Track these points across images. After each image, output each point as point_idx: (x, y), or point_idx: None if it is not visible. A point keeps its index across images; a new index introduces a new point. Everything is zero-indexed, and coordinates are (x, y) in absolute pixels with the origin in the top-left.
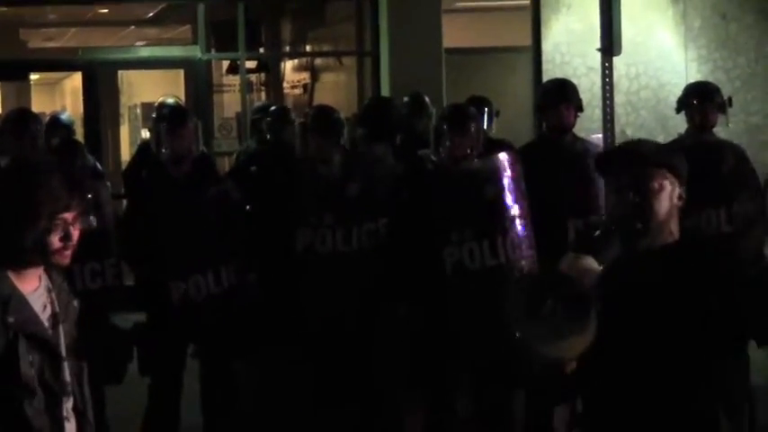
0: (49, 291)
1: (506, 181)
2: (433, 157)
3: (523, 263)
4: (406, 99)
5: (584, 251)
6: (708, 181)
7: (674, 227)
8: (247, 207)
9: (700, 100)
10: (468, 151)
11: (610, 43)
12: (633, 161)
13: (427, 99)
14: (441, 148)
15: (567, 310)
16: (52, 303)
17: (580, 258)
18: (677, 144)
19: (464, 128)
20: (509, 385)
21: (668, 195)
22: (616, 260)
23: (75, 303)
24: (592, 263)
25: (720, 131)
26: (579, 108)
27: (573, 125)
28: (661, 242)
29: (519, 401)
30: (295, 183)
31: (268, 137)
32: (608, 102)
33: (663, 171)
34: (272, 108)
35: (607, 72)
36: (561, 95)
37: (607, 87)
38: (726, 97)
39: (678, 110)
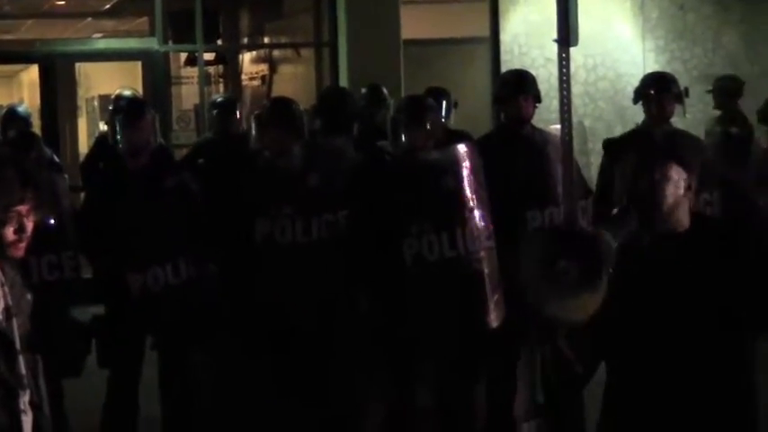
0: (2, 284)
1: (465, 172)
2: (390, 149)
3: (482, 254)
4: (363, 90)
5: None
6: None
7: (683, 215)
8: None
9: (657, 90)
10: (426, 142)
11: (566, 34)
12: (644, 149)
13: (385, 90)
14: (398, 139)
15: (580, 268)
16: (5, 297)
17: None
18: (635, 135)
19: (420, 119)
20: (470, 376)
21: (674, 185)
22: (630, 239)
23: (29, 297)
24: (606, 235)
25: (678, 122)
26: (538, 99)
27: (531, 116)
28: (669, 228)
29: (480, 392)
30: (250, 174)
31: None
32: (565, 93)
33: (670, 162)
34: (218, 100)
35: (564, 63)
36: (519, 87)
37: (564, 78)
38: (683, 88)
39: (635, 100)
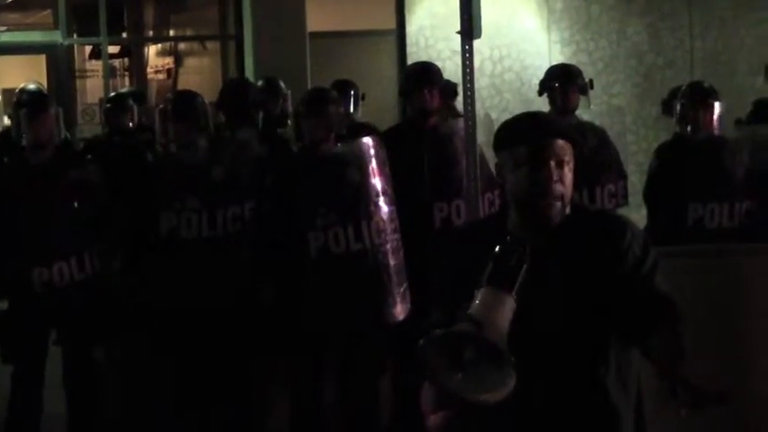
0: None
1: (370, 165)
2: (289, 140)
3: (388, 246)
4: (260, 83)
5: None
6: None
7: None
8: None
9: (561, 82)
10: (327, 135)
11: (469, 27)
12: (538, 134)
13: (281, 82)
14: (300, 131)
15: (487, 357)
16: None
17: (497, 296)
18: None
19: (321, 110)
20: (375, 369)
21: (571, 168)
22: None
23: None
24: (509, 300)
25: (583, 113)
26: (443, 91)
27: (438, 108)
28: (562, 217)
29: (385, 385)
30: (149, 168)
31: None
32: (468, 85)
33: (566, 143)
34: (110, 95)
35: (467, 55)
36: (424, 79)
37: (467, 71)
38: (587, 79)
39: (540, 92)
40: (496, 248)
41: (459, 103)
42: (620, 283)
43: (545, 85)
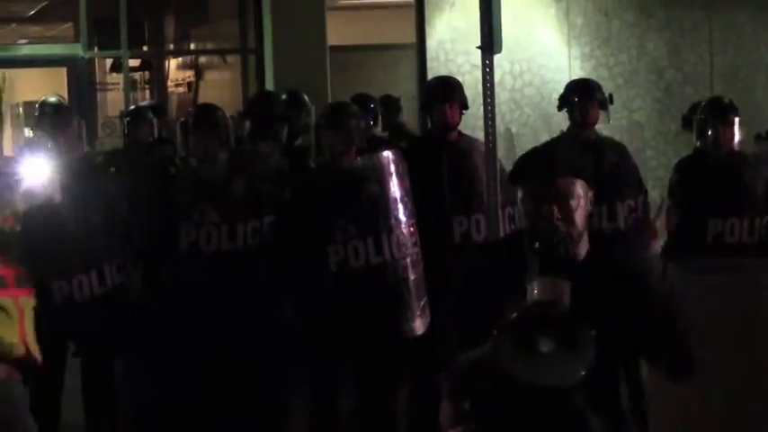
0: None
1: (390, 179)
2: (308, 152)
3: (408, 260)
4: (283, 96)
5: None
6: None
7: (586, 236)
8: None
9: (581, 97)
10: (348, 148)
11: (490, 41)
12: (550, 171)
13: (304, 95)
14: (321, 145)
15: (564, 339)
16: None
17: (555, 283)
18: (559, 141)
19: (341, 124)
20: (393, 383)
21: (585, 207)
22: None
23: None
24: (567, 285)
25: (602, 129)
26: (464, 106)
27: (458, 123)
28: (579, 253)
29: (402, 399)
30: (169, 181)
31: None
32: (489, 99)
33: (578, 181)
34: (130, 108)
35: (488, 70)
36: (445, 93)
37: (488, 85)
38: (607, 94)
39: (560, 107)
40: (536, 245)
41: (477, 117)
42: (645, 320)
43: (565, 100)
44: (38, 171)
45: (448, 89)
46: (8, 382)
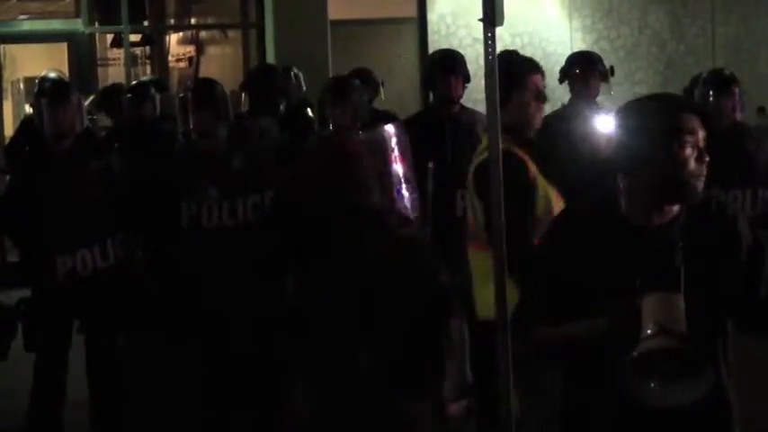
0: None
1: (393, 152)
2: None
3: None
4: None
5: None
6: None
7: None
8: None
9: (582, 69)
10: (352, 123)
11: (492, 13)
12: (682, 107)
13: (296, 70)
14: (324, 120)
15: (686, 366)
16: None
17: (670, 299)
18: (561, 114)
19: (345, 99)
20: None
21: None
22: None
23: None
24: (681, 300)
25: (605, 101)
26: (467, 79)
27: (461, 96)
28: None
29: None
30: (173, 157)
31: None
32: (491, 72)
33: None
34: (132, 84)
35: (490, 43)
36: (449, 66)
37: (490, 58)
38: (609, 66)
39: (561, 80)
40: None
41: (479, 90)
42: (736, 271)
43: (566, 73)
44: None
45: (452, 62)
46: None
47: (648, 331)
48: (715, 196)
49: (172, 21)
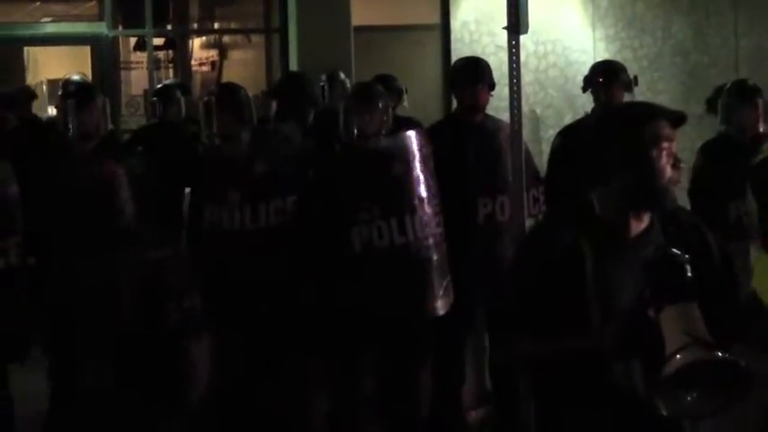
0: None
1: (415, 159)
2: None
3: (431, 241)
4: (323, 77)
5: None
6: None
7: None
8: None
9: (605, 79)
10: (377, 129)
11: (516, 22)
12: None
13: (342, 76)
14: (349, 126)
15: (724, 375)
16: None
17: (688, 309)
18: (584, 123)
19: (372, 105)
20: (415, 363)
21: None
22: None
23: None
24: (695, 309)
25: None
26: (492, 87)
27: (486, 104)
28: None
29: (425, 379)
30: (196, 160)
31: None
32: (515, 80)
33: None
34: (157, 87)
35: (514, 51)
36: (475, 74)
37: (514, 66)
38: (632, 76)
39: (584, 89)
40: (656, 262)
41: (502, 98)
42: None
43: (589, 82)
44: None
45: (477, 70)
46: None
47: (680, 343)
48: (734, 207)
49: (195, 25)
